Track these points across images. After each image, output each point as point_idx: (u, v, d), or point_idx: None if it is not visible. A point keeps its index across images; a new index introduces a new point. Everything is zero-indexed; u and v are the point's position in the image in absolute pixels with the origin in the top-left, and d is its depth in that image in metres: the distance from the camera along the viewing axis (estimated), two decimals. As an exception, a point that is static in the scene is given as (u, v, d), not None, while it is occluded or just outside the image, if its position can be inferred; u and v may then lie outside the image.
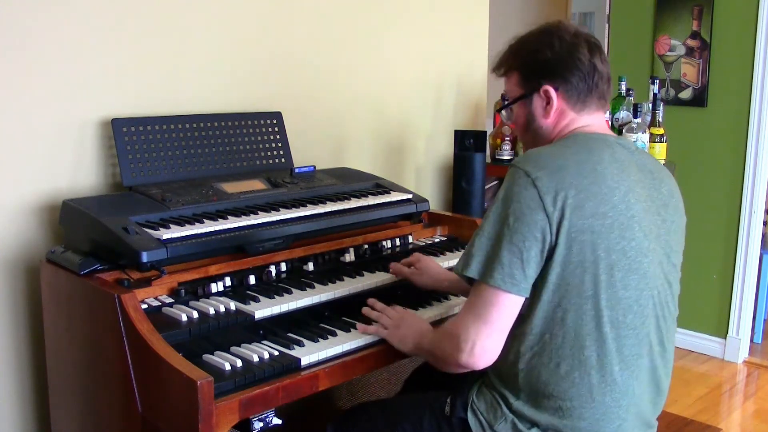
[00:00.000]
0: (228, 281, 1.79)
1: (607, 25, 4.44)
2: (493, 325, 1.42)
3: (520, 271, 1.39)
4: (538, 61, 1.56)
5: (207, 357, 1.55)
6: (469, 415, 1.53)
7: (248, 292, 1.76)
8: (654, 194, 1.50)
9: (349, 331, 1.72)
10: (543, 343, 1.44)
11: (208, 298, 1.73)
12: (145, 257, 1.63)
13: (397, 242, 2.21)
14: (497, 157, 3.17)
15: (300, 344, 1.64)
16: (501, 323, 1.43)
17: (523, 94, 1.59)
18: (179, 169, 2.06)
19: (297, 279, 1.88)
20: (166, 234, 1.71)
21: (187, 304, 1.67)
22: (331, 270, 1.97)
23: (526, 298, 1.43)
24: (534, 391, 1.45)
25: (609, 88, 1.58)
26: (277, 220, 1.93)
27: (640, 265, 1.42)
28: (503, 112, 1.70)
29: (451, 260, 2.11)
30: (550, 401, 1.44)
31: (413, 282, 1.94)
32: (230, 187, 2.02)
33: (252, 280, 1.83)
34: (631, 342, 1.43)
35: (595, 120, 1.57)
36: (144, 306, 1.61)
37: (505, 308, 1.42)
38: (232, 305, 1.69)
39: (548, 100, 1.55)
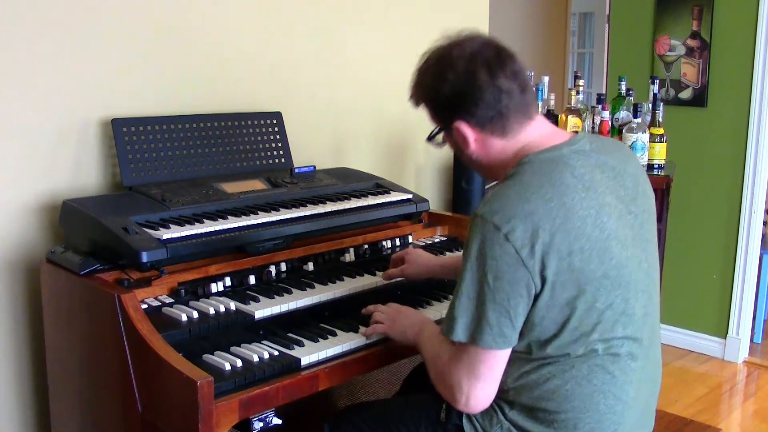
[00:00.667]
0: (228, 281, 1.79)
1: (607, 25, 4.45)
2: (486, 379, 1.41)
3: (509, 328, 1.36)
4: (438, 97, 1.48)
5: (207, 357, 1.55)
6: (464, 422, 1.52)
7: (248, 292, 1.77)
8: (621, 193, 1.45)
9: (349, 331, 1.72)
10: (531, 366, 1.43)
11: (208, 298, 1.73)
12: (145, 257, 1.63)
13: (397, 242, 2.21)
14: (497, 157, 3.17)
15: (300, 344, 1.64)
16: (493, 375, 1.42)
17: (439, 128, 1.54)
18: (179, 169, 2.06)
19: (297, 279, 1.88)
20: (166, 234, 1.71)
21: (187, 304, 1.67)
22: (331, 270, 1.97)
23: None
24: (526, 405, 1.45)
25: (526, 97, 1.45)
26: (277, 220, 1.93)
27: (621, 278, 1.40)
28: (432, 141, 1.58)
29: (451, 260, 2.10)
30: (543, 414, 1.43)
31: (406, 275, 1.93)
32: (230, 187, 2.02)
33: (252, 280, 1.83)
34: (623, 350, 1.42)
35: (532, 134, 1.47)
36: (144, 306, 1.61)
37: (496, 363, 1.41)
38: (232, 305, 1.69)
39: (464, 135, 1.47)
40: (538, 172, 1.40)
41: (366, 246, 2.13)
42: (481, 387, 1.41)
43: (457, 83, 1.44)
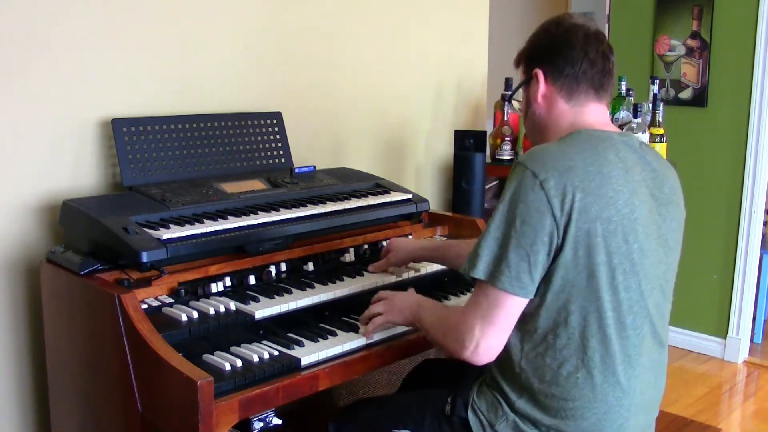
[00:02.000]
0: (228, 281, 1.79)
1: (607, 25, 4.44)
2: (499, 326, 1.43)
3: (527, 275, 1.40)
4: (535, 46, 1.61)
5: (207, 357, 1.55)
6: (470, 415, 1.53)
7: (248, 292, 1.77)
8: (657, 193, 1.50)
9: (349, 331, 1.72)
10: (546, 344, 1.44)
11: (208, 298, 1.73)
12: (145, 257, 1.63)
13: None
14: (497, 157, 3.17)
15: (300, 344, 1.64)
16: (506, 324, 1.44)
17: (524, 79, 1.63)
18: (179, 169, 2.06)
19: (297, 279, 1.88)
20: (166, 234, 1.71)
21: (187, 304, 1.67)
22: (331, 270, 1.97)
23: (531, 299, 1.44)
24: (536, 391, 1.46)
25: (605, 80, 1.56)
26: (277, 220, 1.93)
27: (641, 267, 1.43)
28: (513, 101, 1.72)
29: (451, 260, 2.11)
30: (552, 401, 1.44)
31: (392, 264, 1.97)
32: (230, 187, 2.02)
33: (252, 280, 1.83)
34: (633, 342, 1.44)
35: (593, 115, 1.55)
36: (144, 306, 1.61)
37: (510, 310, 1.43)
38: (232, 305, 1.69)
39: (538, 85, 1.57)
40: (585, 141, 1.48)
41: (366, 246, 2.13)
42: (493, 333, 1.43)
43: (555, 36, 1.57)
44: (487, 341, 1.43)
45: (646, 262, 1.44)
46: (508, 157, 3.14)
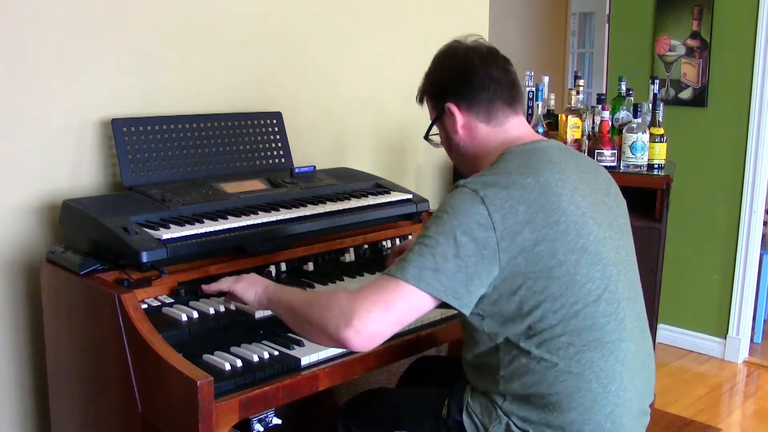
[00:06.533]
0: (228, 281, 1.79)
1: (607, 25, 4.45)
2: (395, 316, 1.38)
3: (462, 286, 1.37)
4: (436, 82, 1.63)
5: (207, 357, 1.55)
6: (465, 418, 1.53)
7: (248, 292, 1.76)
8: (595, 186, 1.53)
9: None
10: (519, 349, 1.44)
11: (208, 298, 1.73)
12: (145, 257, 1.63)
13: (397, 242, 2.21)
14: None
15: (300, 344, 1.64)
16: (404, 318, 1.40)
17: (435, 116, 1.65)
18: (179, 169, 2.06)
19: (297, 279, 1.88)
20: (166, 234, 1.71)
21: (187, 304, 1.67)
22: (331, 270, 1.97)
23: (479, 314, 1.44)
24: (519, 392, 1.46)
25: (515, 92, 1.59)
26: (277, 220, 1.93)
27: (600, 255, 1.45)
28: (430, 138, 1.72)
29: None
30: (537, 399, 1.45)
31: None
32: (230, 187, 2.02)
33: (252, 280, 1.83)
34: (610, 328, 1.44)
35: (515, 129, 1.58)
36: (144, 306, 1.61)
37: (417, 309, 1.39)
38: (232, 305, 1.69)
39: (454, 117, 1.58)
40: (517, 159, 1.50)
41: (366, 246, 2.13)
42: (386, 321, 1.37)
43: (453, 68, 1.60)
44: (375, 326, 1.36)
45: (603, 250, 1.45)
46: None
